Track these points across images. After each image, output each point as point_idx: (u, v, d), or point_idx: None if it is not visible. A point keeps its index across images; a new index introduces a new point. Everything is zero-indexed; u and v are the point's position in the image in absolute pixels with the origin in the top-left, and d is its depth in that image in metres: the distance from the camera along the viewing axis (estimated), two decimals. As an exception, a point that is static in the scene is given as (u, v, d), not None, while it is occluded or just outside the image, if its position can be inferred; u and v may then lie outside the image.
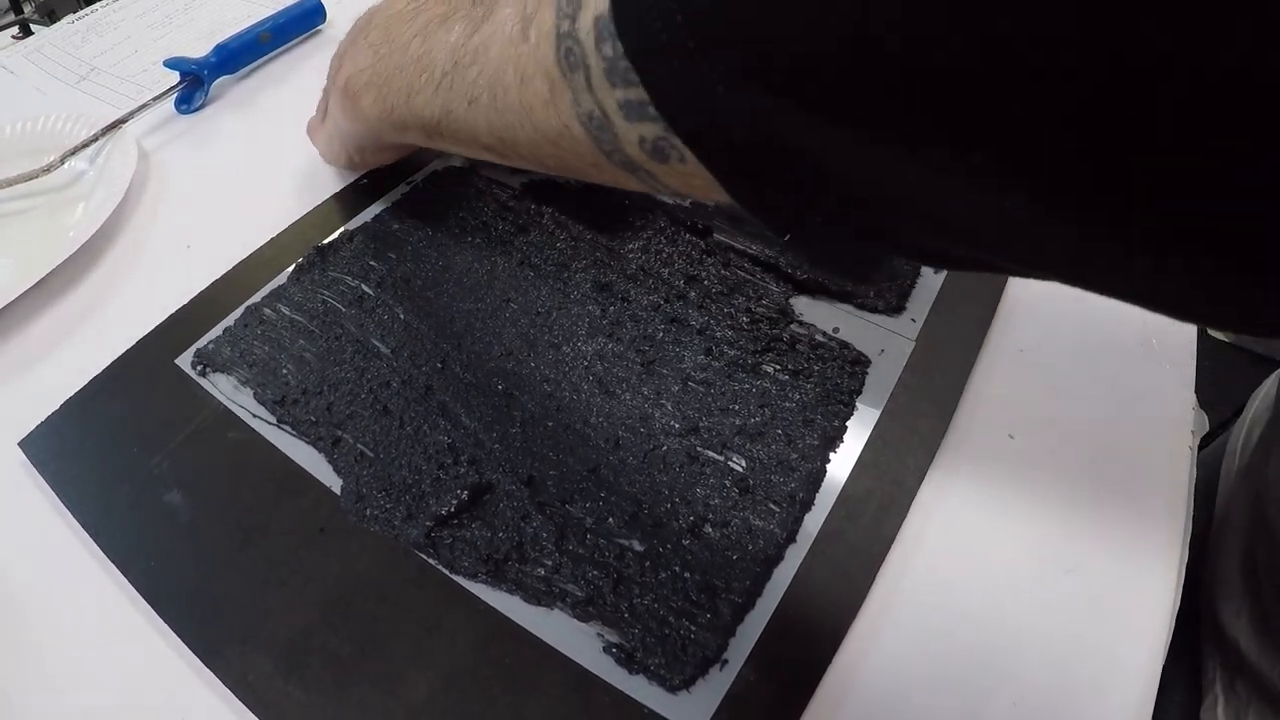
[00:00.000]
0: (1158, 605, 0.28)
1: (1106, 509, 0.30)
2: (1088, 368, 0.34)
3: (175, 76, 0.50)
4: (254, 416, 0.31)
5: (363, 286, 0.35)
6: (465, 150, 0.29)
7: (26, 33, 0.91)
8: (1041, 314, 0.35)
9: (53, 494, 0.31)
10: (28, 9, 0.89)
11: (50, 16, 0.88)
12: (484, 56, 0.25)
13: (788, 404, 0.30)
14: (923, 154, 0.14)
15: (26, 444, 0.32)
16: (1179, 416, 0.33)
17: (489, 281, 0.35)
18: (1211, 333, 1.64)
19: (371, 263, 0.36)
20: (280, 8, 0.60)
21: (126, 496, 0.30)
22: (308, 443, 0.30)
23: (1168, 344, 0.35)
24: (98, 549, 0.29)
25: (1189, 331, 0.36)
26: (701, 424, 0.30)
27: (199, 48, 0.58)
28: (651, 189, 0.22)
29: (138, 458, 0.31)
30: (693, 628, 0.25)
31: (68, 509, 0.30)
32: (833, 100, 0.14)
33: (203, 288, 0.37)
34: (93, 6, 0.65)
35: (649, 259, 0.36)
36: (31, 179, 0.45)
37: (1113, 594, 0.28)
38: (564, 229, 0.37)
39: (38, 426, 0.33)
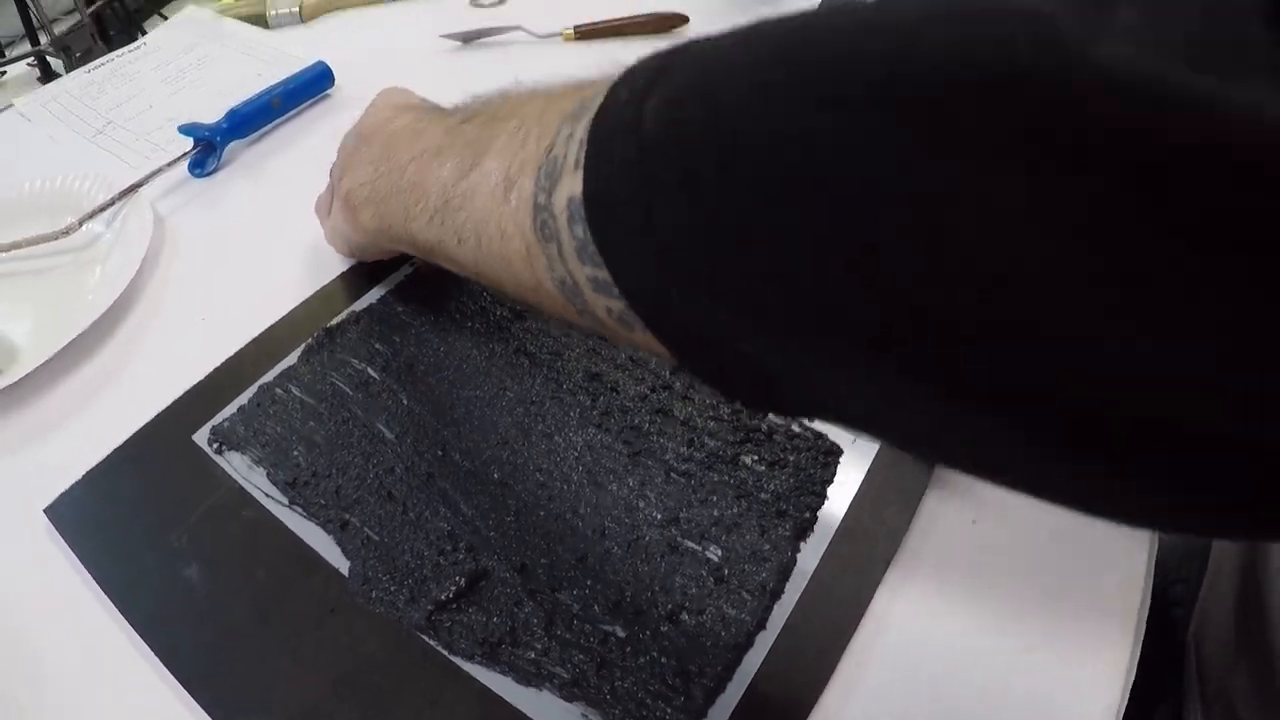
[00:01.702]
0: (1113, 680, 0.32)
1: (1066, 588, 0.34)
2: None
3: (189, 140, 0.54)
4: (267, 496, 0.35)
5: (369, 370, 0.39)
6: (460, 274, 0.33)
7: (44, 65, 0.96)
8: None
9: (76, 558, 0.34)
10: (44, 39, 0.93)
11: (66, 52, 0.93)
12: (470, 204, 0.28)
13: (763, 495, 0.34)
14: (850, 373, 0.18)
15: (52, 511, 0.36)
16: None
17: (486, 368, 0.39)
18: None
19: (377, 346, 0.40)
20: (287, 66, 0.64)
21: (148, 568, 0.34)
22: (318, 524, 0.34)
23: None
24: (119, 614, 0.33)
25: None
26: (682, 515, 0.33)
27: (211, 106, 0.62)
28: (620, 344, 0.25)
29: (158, 531, 0.35)
30: (668, 709, 0.29)
31: (91, 576, 0.34)
32: (766, 324, 0.18)
33: (217, 363, 0.41)
34: (108, 56, 0.69)
35: (636, 349, 0.39)
36: (51, 240, 0.49)
37: (1072, 671, 0.32)
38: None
39: (62, 495, 0.36)
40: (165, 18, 1.22)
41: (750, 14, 0.33)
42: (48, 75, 1.02)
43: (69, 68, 0.96)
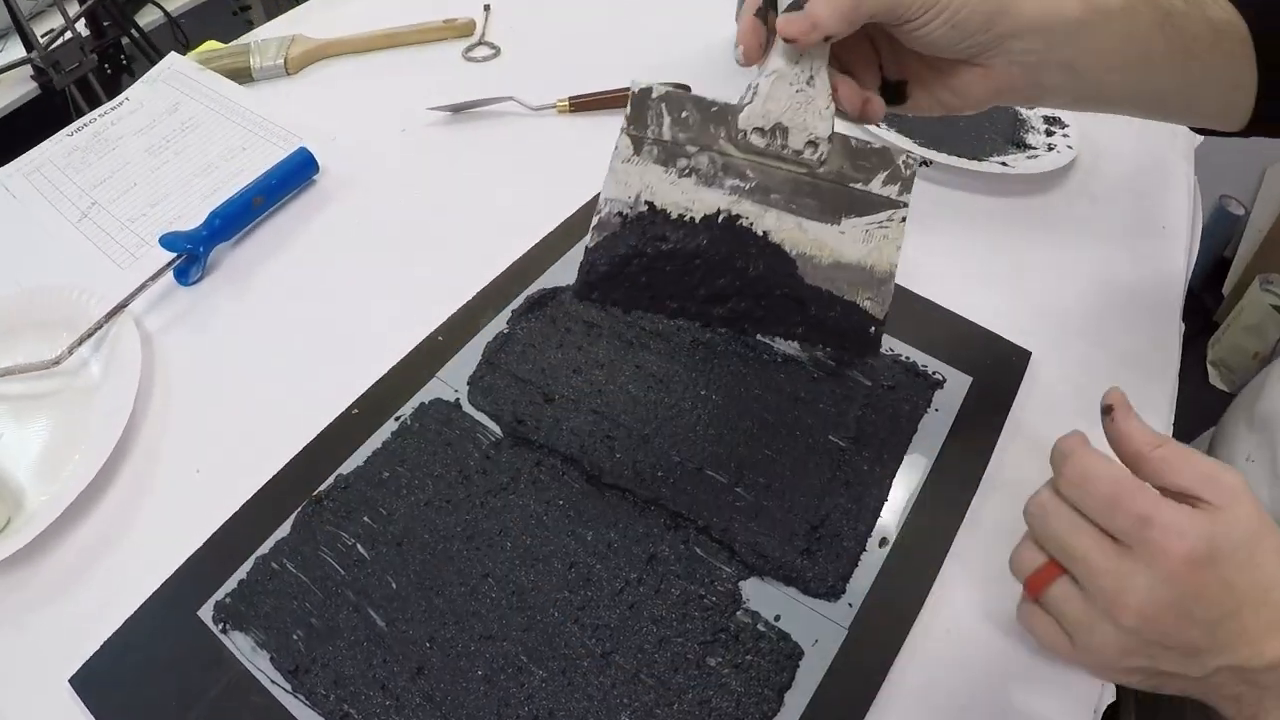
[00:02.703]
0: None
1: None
2: (1006, 641, 0.40)
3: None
4: (272, 683, 0.39)
5: (358, 547, 0.42)
6: None
7: (41, 74, 0.96)
8: (971, 592, 0.41)
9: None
10: (35, 50, 0.92)
11: (55, 68, 0.92)
12: None
13: (725, 702, 0.37)
14: None
15: (77, 681, 0.39)
16: (1085, 692, 0.39)
17: (470, 549, 0.42)
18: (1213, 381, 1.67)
19: (365, 519, 0.43)
20: (271, 139, 0.64)
21: None
22: (320, 714, 0.38)
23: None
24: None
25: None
26: (650, 722, 0.37)
27: (193, 189, 0.62)
28: None
29: (176, 711, 0.38)
30: None
31: None
32: None
33: (216, 521, 0.43)
34: (90, 116, 0.69)
35: (616, 535, 0.42)
36: (41, 369, 0.51)
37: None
38: (540, 492, 0.44)
39: (83, 666, 0.40)
40: (161, 7, 1.19)
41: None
42: (40, 74, 1.01)
43: (59, 84, 0.95)
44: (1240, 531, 0.30)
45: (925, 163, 0.66)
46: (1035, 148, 0.69)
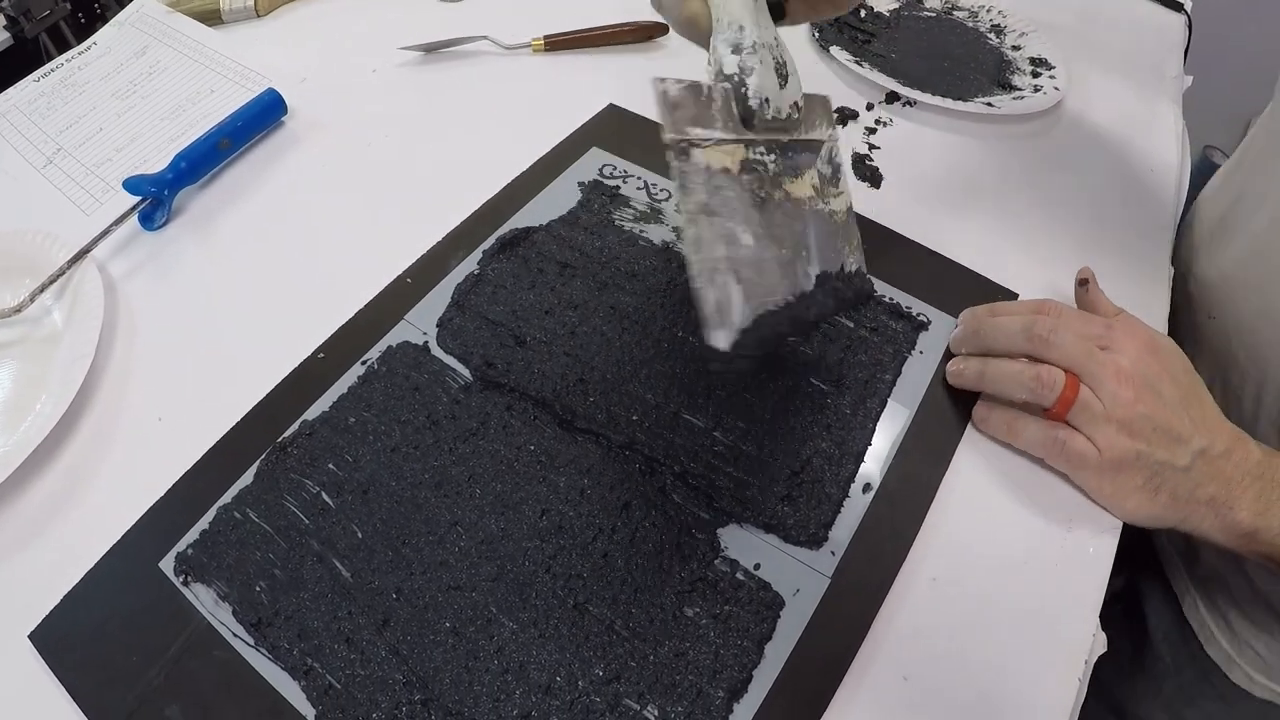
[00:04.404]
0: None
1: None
2: (994, 590, 0.36)
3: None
4: (234, 636, 0.34)
5: (323, 495, 0.37)
6: None
7: (12, 20, 0.88)
8: (958, 541, 0.37)
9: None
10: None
11: (26, 16, 0.84)
12: None
13: (703, 654, 0.33)
14: None
15: (36, 638, 0.35)
16: (1076, 642, 0.35)
17: (439, 497, 0.37)
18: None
19: (330, 466, 0.38)
20: (239, 81, 0.58)
21: (132, 704, 0.33)
22: (284, 669, 0.33)
23: (1083, 558, 0.37)
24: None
25: (1107, 547, 0.37)
26: (623, 673, 0.33)
27: (160, 133, 0.57)
28: None
29: (138, 666, 0.34)
30: None
31: (80, 708, 0.34)
32: None
33: (177, 472, 0.39)
34: (59, 59, 0.62)
35: (590, 481, 0.37)
36: (2, 318, 0.46)
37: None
38: (511, 437, 0.39)
39: (43, 621, 0.36)
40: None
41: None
42: (13, 23, 0.93)
43: (30, 31, 0.88)
44: (1176, 350, 0.39)
45: (909, 103, 0.60)
46: (1021, 89, 0.63)
